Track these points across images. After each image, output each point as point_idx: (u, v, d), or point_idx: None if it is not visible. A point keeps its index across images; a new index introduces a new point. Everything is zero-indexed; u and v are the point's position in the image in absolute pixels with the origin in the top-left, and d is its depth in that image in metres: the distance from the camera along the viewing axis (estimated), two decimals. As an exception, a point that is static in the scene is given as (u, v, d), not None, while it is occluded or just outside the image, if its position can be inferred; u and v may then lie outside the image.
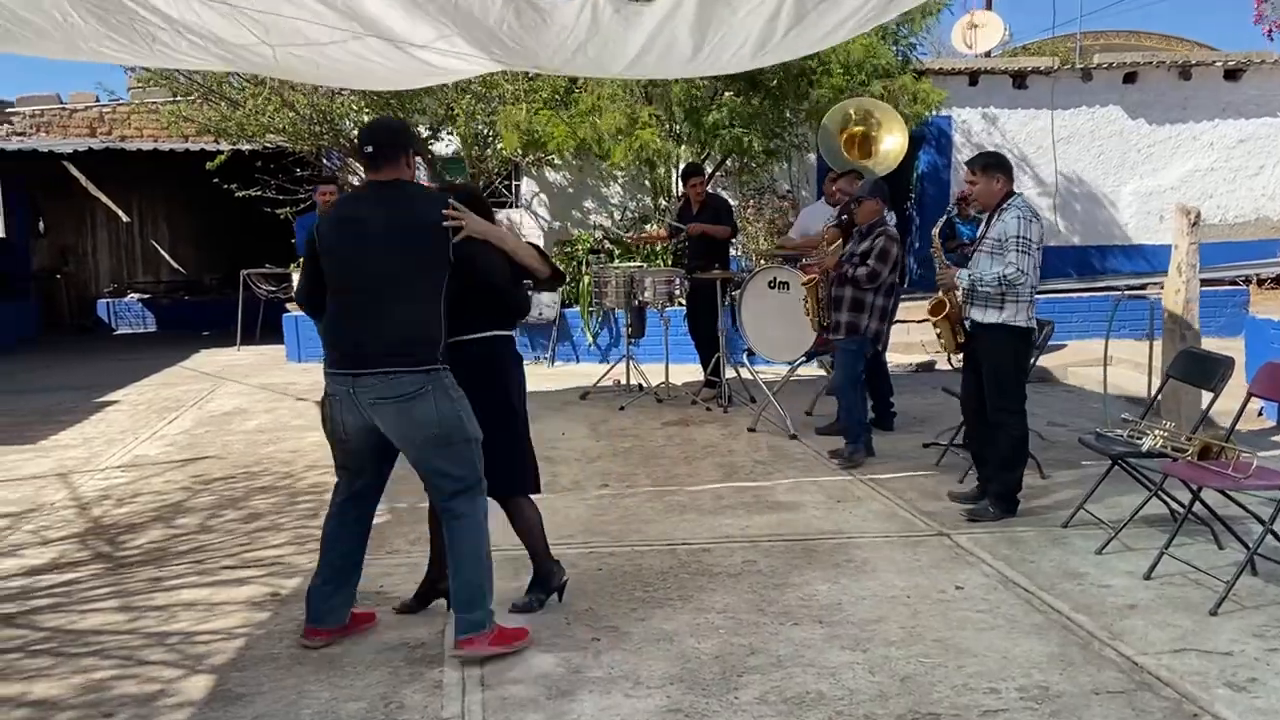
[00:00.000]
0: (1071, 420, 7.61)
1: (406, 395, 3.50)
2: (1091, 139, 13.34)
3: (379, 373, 3.50)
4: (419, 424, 3.53)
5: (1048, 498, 5.61)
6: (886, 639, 3.79)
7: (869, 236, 6.34)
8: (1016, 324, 5.16)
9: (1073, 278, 12.82)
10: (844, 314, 6.40)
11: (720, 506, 5.56)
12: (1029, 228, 5.07)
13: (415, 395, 3.51)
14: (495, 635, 3.65)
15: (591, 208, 13.06)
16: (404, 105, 10.86)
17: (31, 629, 3.99)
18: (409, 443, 3.59)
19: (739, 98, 10.01)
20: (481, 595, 3.64)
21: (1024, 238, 5.05)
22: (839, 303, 6.42)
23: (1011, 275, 5.05)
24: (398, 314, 3.53)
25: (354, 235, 3.57)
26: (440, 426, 3.53)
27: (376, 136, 3.70)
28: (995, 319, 5.16)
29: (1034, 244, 5.08)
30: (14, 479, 6.44)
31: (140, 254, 17.55)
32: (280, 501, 5.76)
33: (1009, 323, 5.16)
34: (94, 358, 12.40)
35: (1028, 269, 5.04)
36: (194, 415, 8.48)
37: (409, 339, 3.53)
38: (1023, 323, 5.17)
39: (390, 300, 3.53)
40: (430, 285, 3.57)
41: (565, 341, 11.26)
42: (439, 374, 3.56)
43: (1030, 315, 5.21)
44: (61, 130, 14.73)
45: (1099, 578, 4.39)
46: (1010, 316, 5.15)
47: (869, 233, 6.36)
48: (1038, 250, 5.12)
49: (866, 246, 6.32)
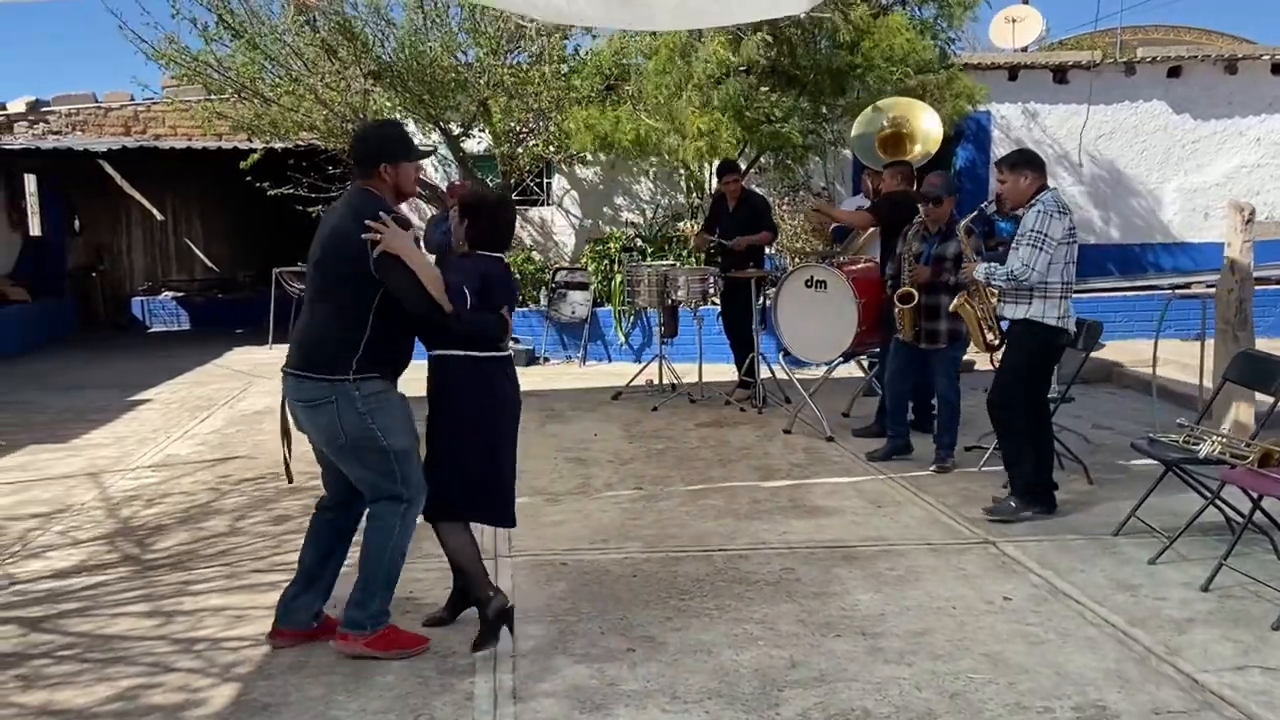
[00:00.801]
0: (1117, 423, 7.41)
1: (312, 401, 3.58)
2: (1135, 134, 13.05)
3: (292, 374, 3.62)
4: (324, 431, 3.61)
5: (1096, 504, 5.43)
6: (933, 652, 3.65)
7: (952, 238, 6.01)
8: (1045, 321, 5.04)
9: (1115, 276, 12.55)
10: (943, 321, 6.07)
11: (756, 511, 5.43)
12: (1047, 222, 4.94)
13: (319, 403, 3.57)
14: (376, 637, 3.64)
15: (623, 205, 12.94)
16: (436, 103, 10.79)
17: (59, 634, 3.93)
18: (325, 447, 3.67)
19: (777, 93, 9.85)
20: (372, 596, 3.65)
21: (1038, 232, 4.94)
22: (935, 310, 6.07)
23: (1017, 270, 4.98)
24: (318, 320, 3.63)
25: (315, 239, 3.68)
26: (346, 437, 3.56)
27: (353, 147, 3.86)
28: (1022, 314, 5.08)
29: (1052, 239, 4.94)
30: (45, 478, 6.42)
31: (174, 252, 17.63)
32: (308, 504, 5.63)
33: (1035, 318, 5.05)
34: (128, 356, 12.44)
35: (1036, 265, 4.93)
36: (225, 414, 8.45)
37: (319, 346, 3.59)
38: (1052, 320, 5.04)
39: (315, 305, 3.64)
40: (351, 296, 3.53)
41: (597, 341, 11.16)
42: (345, 385, 3.53)
43: (1062, 313, 5.05)
44: (97, 129, 14.79)
45: (1154, 589, 4.22)
46: (1038, 313, 5.04)
47: (951, 234, 6.02)
48: (1061, 246, 4.97)
49: (956, 249, 5.95)
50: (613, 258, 11.13)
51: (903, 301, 6.07)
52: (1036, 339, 5.09)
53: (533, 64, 10.91)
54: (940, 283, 6.03)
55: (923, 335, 6.13)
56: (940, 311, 6.06)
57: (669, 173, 11.94)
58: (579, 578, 4.45)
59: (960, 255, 5.91)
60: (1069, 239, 5.00)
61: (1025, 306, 5.07)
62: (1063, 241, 4.97)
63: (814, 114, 10.18)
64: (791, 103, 9.76)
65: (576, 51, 11.46)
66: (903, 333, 6.15)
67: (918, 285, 6.08)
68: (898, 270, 6.35)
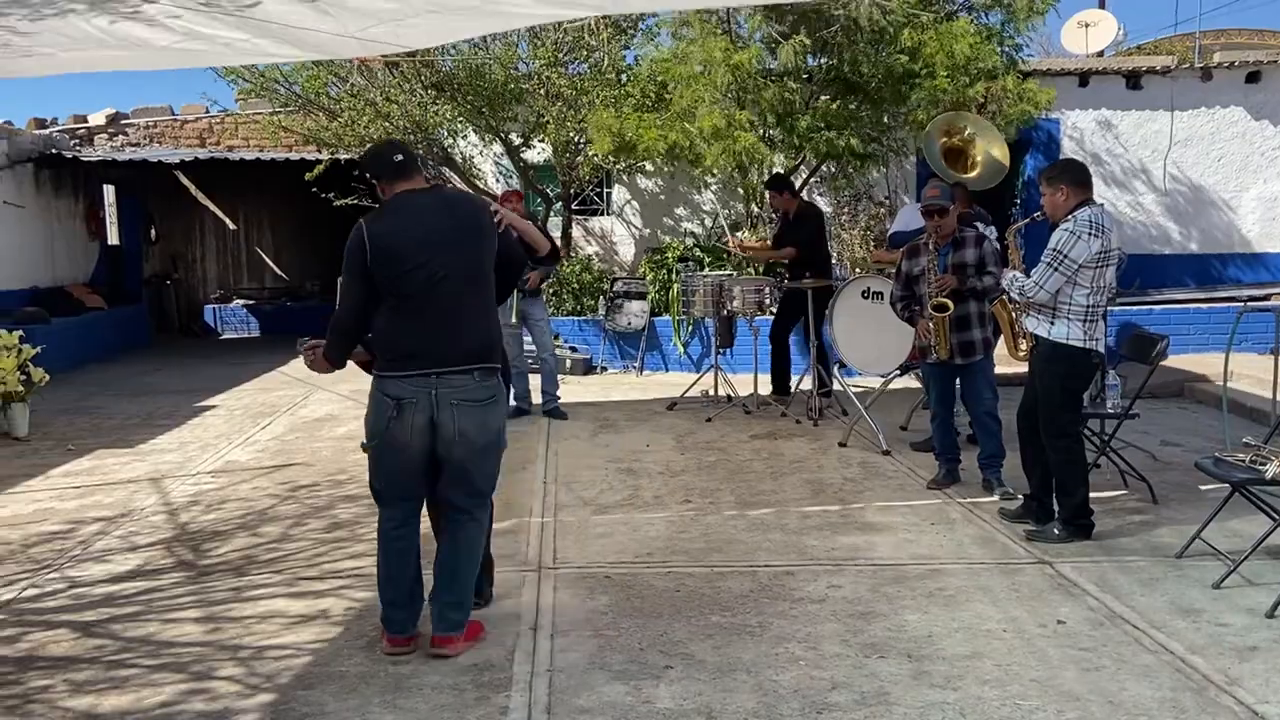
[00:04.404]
0: (1187, 440, 7.17)
1: (484, 400, 3.68)
2: (1211, 142, 12.66)
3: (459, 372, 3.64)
4: (487, 430, 3.70)
5: (1160, 525, 5.25)
6: (980, 677, 3.54)
7: (965, 245, 5.90)
8: (1070, 343, 4.90)
9: (1191, 287, 12.18)
10: (975, 330, 5.91)
11: (806, 526, 5.35)
12: (1071, 243, 4.79)
13: (490, 401, 3.71)
14: (469, 632, 3.81)
15: (683, 215, 12.91)
16: (495, 114, 10.88)
17: (110, 639, 4.00)
18: (472, 448, 3.67)
19: (835, 102, 9.75)
20: (468, 594, 3.82)
21: (1057, 251, 4.82)
22: (966, 321, 5.90)
23: (1027, 287, 4.90)
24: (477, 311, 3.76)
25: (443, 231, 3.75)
26: (498, 433, 3.77)
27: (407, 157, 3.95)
28: (1044, 333, 4.98)
29: (1072, 261, 4.79)
30: (111, 482, 6.58)
31: (245, 261, 18.03)
32: (362, 511, 5.73)
33: (1059, 340, 4.92)
34: (198, 362, 12.74)
35: (1046, 284, 4.84)
36: (286, 421, 8.60)
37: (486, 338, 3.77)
38: (1078, 342, 4.89)
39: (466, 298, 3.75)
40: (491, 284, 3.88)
41: (654, 351, 11.14)
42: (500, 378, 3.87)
43: (1090, 336, 4.90)
44: (173, 141, 15.20)
45: (1216, 615, 4.06)
46: (1062, 334, 4.91)
47: (962, 242, 5.91)
48: (1085, 269, 4.80)
49: (975, 255, 5.89)
50: (670, 267, 11.10)
51: (938, 311, 5.89)
52: (1065, 363, 4.95)
53: (591, 73, 10.94)
54: (966, 291, 5.87)
55: (957, 349, 5.93)
56: (971, 321, 5.91)
57: (730, 183, 11.89)
58: (622, 591, 4.42)
59: (982, 260, 5.82)
60: (1098, 262, 4.81)
61: (1047, 325, 4.95)
62: (1087, 264, 4.80)
63: (875, 122, 10.04)
64: (848, 110, 9.63)
65: (637, 61, 11.47)
66: (939, 350, 5.92)
67: (947, 295, 5.88)
68: (908, 290, 6.13)
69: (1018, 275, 5.08)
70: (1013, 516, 5.34)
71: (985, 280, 5.83)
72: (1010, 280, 5.12)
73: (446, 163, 11.99)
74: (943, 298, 5.84)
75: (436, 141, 11.63)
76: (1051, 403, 5.01)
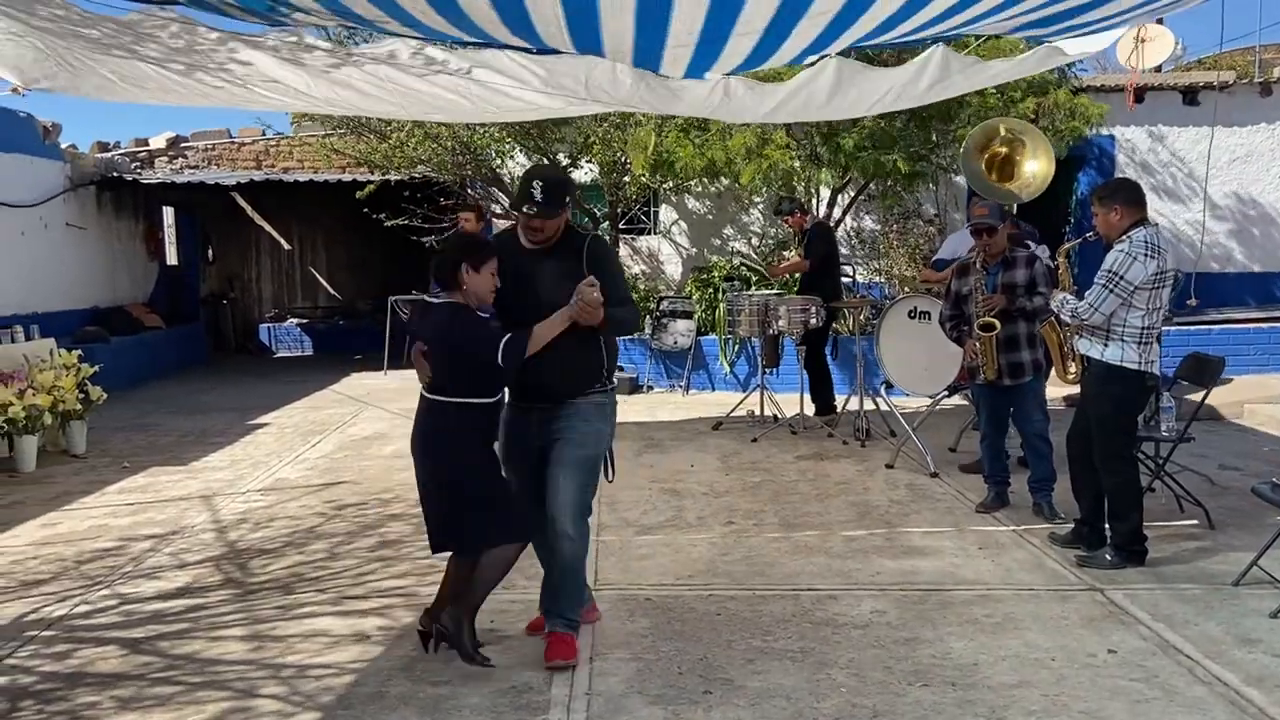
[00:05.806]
0: (1247, 463, 6.99)
1: None
2: (1272, 158, 12.38)
3: None
4: None
5: (1217, 552, 5.11)
6: (1026, 708, 3.47)
7: (1016, 265, 5.83)
8: (1124, 365, 4.81)
9: (1251, 306, 11.88)
10: (1024, 352, 5.81)
11: (851, 549, 5.28)
12: (1127, 265, 4.71)
13: None
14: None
15: (730, 235, 12.89)
16: (544, 135, 10.96)
17: (157, 656, 4.06)
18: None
19: (880, 120, 9.67)
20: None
21: (1112, 273, 4.74)
22: (1015, 342, 5.80)
23: (1081, 309, 4.83)
24: None
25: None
26: None
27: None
28: (1098, 354, 4.90)
29: (1128, 283, 4.71)
30: (163, 500, 6.70)
31: (299, 280, 18.33)
32: (408, 531, 5.77)
33: (1113, 362, 4.83)
34: (252, 381, 12.94)
35: (1102, 306, 4.76)
36: (336, 439, 8.69)
37: None
38: (1132, 365, 4.80)
39: None
40: None
41: (701, 370, 11.11)
42: None
43: (1144, 358, 4.80)
44: (230, 163, 15.53)
45: (1274, 645, 3.94)
46: (1115, 356, 4.82)
47: (1013, 262, 5.84)
48: (1142, 291, 4.72)
49: (1026, 275, 5.80)
50: (716, 286, 11.08)
51: (985, 331, 5.80)
52: (1119, 385, 4.85)
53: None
54: (1015, 311, 5.77)
55: (1005, 370, 5.84)
56: (1020, 341, 5.80)
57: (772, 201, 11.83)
58: (662, 614, 4.39)
59: (1032, 281, 5.73)
60: (1155, 283, 4.73)
61: (1101, 347, 4.88)
62: (1143, 286, 4.72)
63: (924, 140, 9.95)
64: (896, 131, 9.56)
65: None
66: (986, 371, 5.83)
67: (995, 315, 5.78)
68: (958, 309, 6.05)
69: (1068, 297, 5.01)
70: (1063, 542, 5.24)
71: (1035, 301, 5.74)
72: (1061, 302, 5.05)
73: (495, 183, 12.09)
74: (990, 317, 5.76)
75: (485, 162, 11.74)
76: (1105, 426, 4.92)
